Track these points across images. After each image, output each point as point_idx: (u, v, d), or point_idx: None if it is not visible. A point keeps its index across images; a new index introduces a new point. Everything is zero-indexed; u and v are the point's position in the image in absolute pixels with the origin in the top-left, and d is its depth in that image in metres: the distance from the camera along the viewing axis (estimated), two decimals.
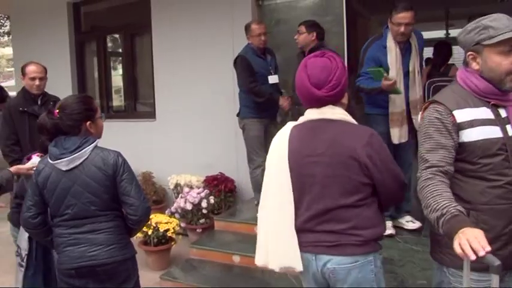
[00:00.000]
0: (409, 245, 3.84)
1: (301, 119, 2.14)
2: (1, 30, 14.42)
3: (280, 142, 2.13)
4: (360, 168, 1.95)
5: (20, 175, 2.80)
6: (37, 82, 4.19)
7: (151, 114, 6.23)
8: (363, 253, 2.00)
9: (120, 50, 7.32)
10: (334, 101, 2.05)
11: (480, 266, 1.68)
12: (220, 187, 5.22)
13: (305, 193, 2.04)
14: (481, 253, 1.49)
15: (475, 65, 1.92)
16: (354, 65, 5.55)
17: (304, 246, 2.05)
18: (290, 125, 2.17)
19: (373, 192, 2.03)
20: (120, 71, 7.30)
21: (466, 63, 1.98)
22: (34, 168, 2.57)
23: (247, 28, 4.66)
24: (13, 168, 2.81)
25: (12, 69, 4.46)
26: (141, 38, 6.78)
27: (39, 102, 4.24)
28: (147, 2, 6.14)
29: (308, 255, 2.05)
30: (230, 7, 5.42)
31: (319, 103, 2.05)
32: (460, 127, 1.89)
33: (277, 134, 2.20)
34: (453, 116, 1.89)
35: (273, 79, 4.60)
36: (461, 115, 1.90)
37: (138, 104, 6.89)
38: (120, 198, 2.43)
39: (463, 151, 1.90)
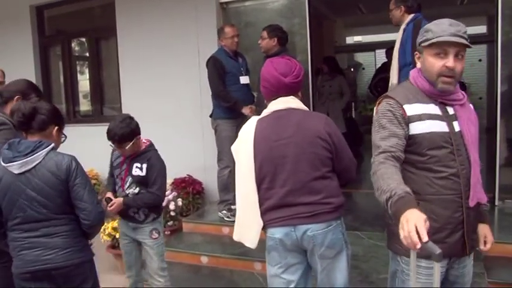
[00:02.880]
0: (372, 241, 3.93)
1: (266, 112, 2.45)
2: None
3: (247, 134, 2.42)
4: (324, 144, 2.30)
5: None
6: None
7: None
8: (335, 218, 2.34)
9: (87, 54, 7.25)
10: (295, 91, 2.44)
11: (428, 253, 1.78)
12: (188, 189, 5.23)
13: (278, 173, 2.32)
14: (418, 246, 1.59)
15: (418, 64, 2.10)
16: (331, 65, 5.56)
17: (283, 220, 2.33)
18: (254, 118, 2.47)
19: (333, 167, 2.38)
20: (87, 75, 7.23)
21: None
22: None
23: (220, 31, 4.75)
24: None
25: None
26: (106, 41, 6.73)
27: None
28: (111, 6, 6.11)
29: (287, 228, 2.32)
30: (195, 10, 5.44)
31: (286, 90, 2.40)
32: (409, 120, 2.01)
33: (243, 127, 2.50)
34: (403, 109, 2.01)
35: (244, 79, 4.69)
36: (411, 109, 2.02)
37: (105, 108, 6.83)
38: (73, 202, 2.40)
39: (412, 143, 2.01)
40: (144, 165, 3.20)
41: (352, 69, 11.07)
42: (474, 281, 2.54)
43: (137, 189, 3.21)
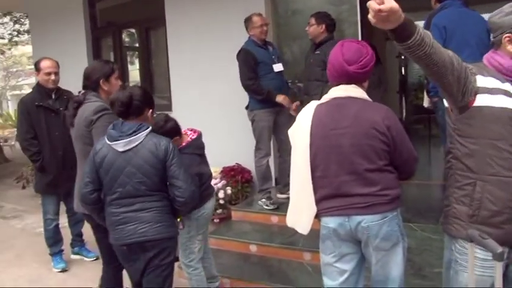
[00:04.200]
0: (426, 234, 3.81)
1: (326, 97, 2.38)
2: (21, 29, 14.60)
3: (304, 118, 2.38)
4: (381, 137, 2.21)
5: None
6: (52, 77, 4.28)
7: (167, 107, 6.26)
8: (390, 209, 2.27)
9: (137, 44, 7.37)
10: (359, 80, 2.33)
11: (492, 238, 1.73)
12: (237, 177, 5.24)
13: (332, 162, 2.28)
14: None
15: (510, 48, 1.93)
16: None
17: (337, 210, 2.29)
18: (314, 103, 2.42)
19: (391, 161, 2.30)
20: (137, 65, 7.36)
21: (495, 46, 1.99)
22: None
23: (247, 21, 4.68)
24: None
25: (33, 66, 4.55)
26: (156, 31, 6.82)
27: (53, 97, 4.33)
28: None
29: (341, 218, 2.29)
30: None
31: (347, 79, 2.30)
32: (478, 90, 1.89)
33: (301, 112, 2.46)
34: (475, 78, 1.91)
35: (277, 67, 4.63)
36: (483, 81, 1.91)
37: (155, 97, 6.91)
38: (169, 181, 2.65)
39: (477, 115, 1.91)
40: None
41: (402, 57, 10.72)
42: None
43: None
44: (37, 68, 4.31)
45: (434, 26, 3.75)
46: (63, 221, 4.72)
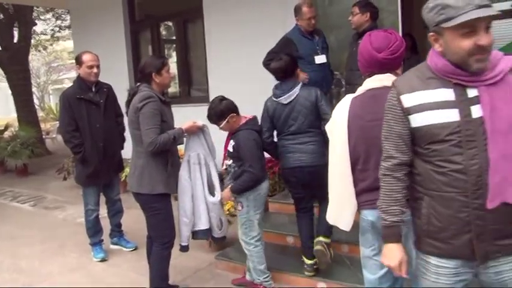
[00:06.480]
0: None
1: (360, 90, 2.36)
2: (62, 24, 14.96)
3: (341, 113, 2.38)
4: None
5: (188, 132, 3.52)
6: (95, 70, 4.35)
7: (205, 99, 6.29)
8: None
9: (174, 37, 7.44)
10: (391, 67, 2.29)
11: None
12: (275, 169, 5.21)
13: (371, 154, 2.25)
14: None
15: (437, 47, 1.77)
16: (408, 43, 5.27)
17: (375, 203, 2.14)
18: (349, 97, 2.41)
19: None
20: (174, 58, 7.43)
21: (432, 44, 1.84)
22: (204, 128, 3.58)
23: (297, 10, 4.58)
24: (186, 125, 3.48)
25: (73, 61, 4.64)
26: (193, 24, 6.86)
27: (93, 89, 4.40)
28: None
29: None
30: None
31: (379, 67, 2.29)
32: (408, 112, 1.81)
33: (337, 106, 2.46)
34: (400, 100, 1.83)
35: (319, 59, 4.52)
36: (410, 99, 1.80)
37: (192, 89, 6.98)
38: (322, 117, 3.46)
39: (414, 136, 1.84)
40: (233, 143, 3.51)
41: None
42: None
43: (230, 161, 3.55)
44: (78, 62, 4.38)
45: None
46: (103, 211, 4.82)
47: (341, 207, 2.45)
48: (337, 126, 2.39)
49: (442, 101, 1.73)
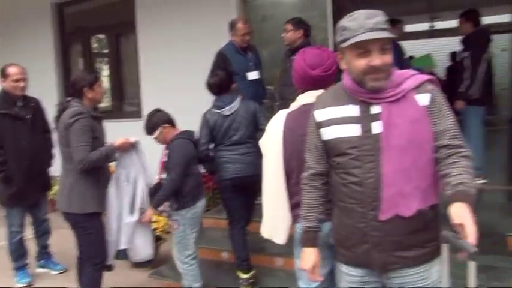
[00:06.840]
0: None
1: (294, 105, 2.42)
2: None
3: (275, 127, 2.43)
4: None
5: (120, 150, 3.44)
6: (21, 84, 4.19)
7: (137, 114, 6.21)
8: None
9: (106, 51, 7.29)
10: (325, 83, 2.30)
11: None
12: (208, 184, 5.20)
13: (303, 166, 2.24)
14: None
15: (343, 65, 1.90)
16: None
17: None
18: (283, 112, 2.45)
19: None
20: (106, 71, 7.27)
21: None
22: (136, 144, 3.50)
23: (232, 25, 4.64)
24: (118, 142, 3.40)
25: None
26: (126, 37, 6.77)
27: (19, 104, 4.21)
28: (130, 2, 6.12)
29: None
30: (215, 4, 5.41)
31: (312, 83, 2.33)
32: (319, 126, 1.96)
33: (271, 121, 2.50)
34: (313, 115, 1.98)
35: (252, 75, 4.61)
36: (321, 114, 1.95)
37: (125, 104, 6.85)
38: (259, 127, 3.67)
39: (326, 149, 1.97)
40: (167, 152, 3.53)
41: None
42: None
43: (165, 174, 3.52)
44: (4, 75, 4.19)
45: None
46: (28, 233, 4.59)
47: (276, 221, 2.47)
48: (272, 140, 2.42)
49: (348, 117, 1.85)
